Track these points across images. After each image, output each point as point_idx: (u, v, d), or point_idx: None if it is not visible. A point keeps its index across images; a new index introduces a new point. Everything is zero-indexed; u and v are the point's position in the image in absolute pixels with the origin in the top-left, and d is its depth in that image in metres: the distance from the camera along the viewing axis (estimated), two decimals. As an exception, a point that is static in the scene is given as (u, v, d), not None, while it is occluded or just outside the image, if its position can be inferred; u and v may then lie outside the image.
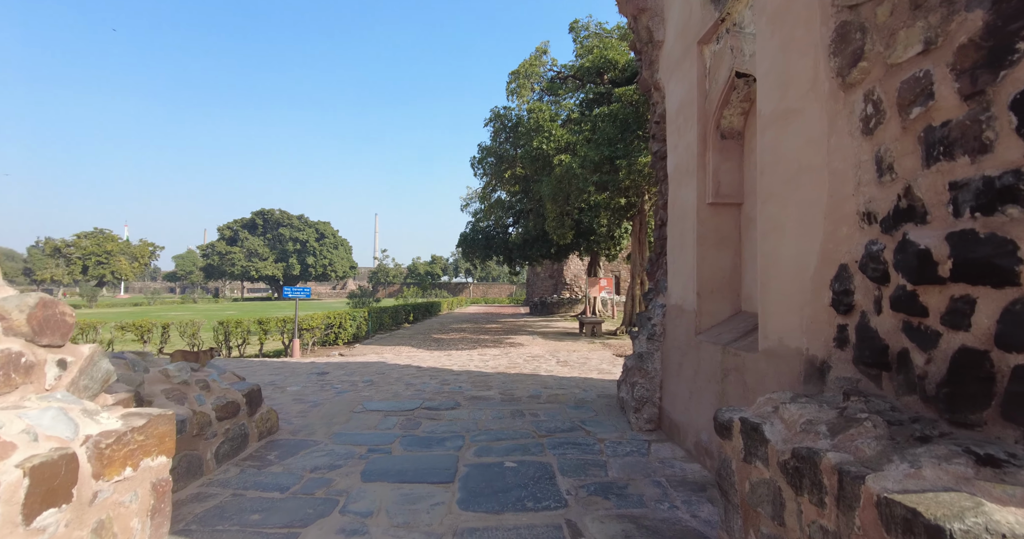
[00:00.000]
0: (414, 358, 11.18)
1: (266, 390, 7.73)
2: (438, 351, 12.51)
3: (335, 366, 10.11)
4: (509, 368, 9.57)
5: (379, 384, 8.09)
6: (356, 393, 7.40)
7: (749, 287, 4.58)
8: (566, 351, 12.04)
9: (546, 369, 9.43)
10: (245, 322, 12.09)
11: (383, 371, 9.35)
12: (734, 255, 4.74)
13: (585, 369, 9.39)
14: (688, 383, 4.77)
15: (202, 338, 12.31)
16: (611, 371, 9.17)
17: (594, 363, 10.07)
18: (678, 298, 5.21)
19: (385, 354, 12.23)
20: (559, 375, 8.76)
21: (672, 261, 5.47)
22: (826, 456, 2.01)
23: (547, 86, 16.87)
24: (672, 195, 5.51)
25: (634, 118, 12.48)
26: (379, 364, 10.28)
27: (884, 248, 2.45)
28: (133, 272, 62.09)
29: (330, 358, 11.70)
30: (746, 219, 4.65)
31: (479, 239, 23.55)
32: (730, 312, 4.72)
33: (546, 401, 6.76)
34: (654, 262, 6.56)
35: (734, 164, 4.72)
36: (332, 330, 13.99)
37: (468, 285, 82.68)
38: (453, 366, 9.89)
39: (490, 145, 18.07)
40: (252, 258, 77.89)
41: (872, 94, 2.55)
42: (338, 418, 5.93)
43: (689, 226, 4.91)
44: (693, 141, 4.85)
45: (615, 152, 12.14)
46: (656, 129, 6.37)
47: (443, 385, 7.93)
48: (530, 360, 10.55)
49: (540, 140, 13.58)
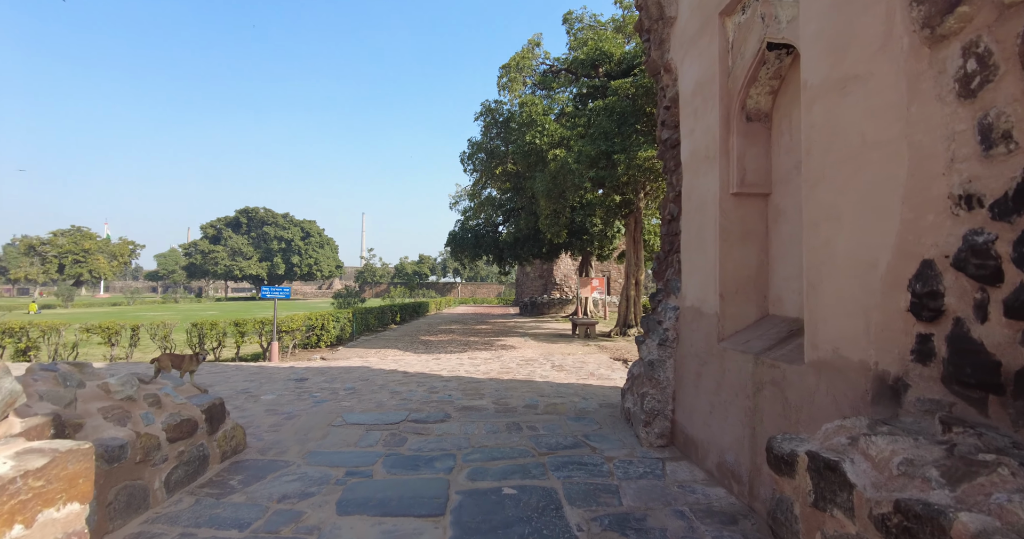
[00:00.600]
0: (400, 362, 10.58)
1: (238, 399, 7.11)
2: (426, 354, 11.91)
3: (315, 371, 9.47)
4: (502, 374, 9.00)
5: (362, 392, 7.49)
6: (336, 403, 6.79)
7: (778, 287, 4.07)
8: (560, 354, 11.50)
9: (541, 374, 8.88)
10: (220, 324, 11.38)
11: (366, 377, 8.73)
12: (760, 251, 4.23)
13: (582, 374, 8.86)
14: (709, 396, 4.24)
15: (174, 341, 11.59)
16: (610, 377, 8.64)
17: (591, 367, 9.54)
18: (695, 300, 4.68)
19: (370, 358, 11.60)
20: (555, 381, 8.22)
21: (687, 259, 4.95)
22: (958, 520, 1.47)
23: (540, 80, 16.33)
24: (687, 185, 4.99)
25: (631, 111, 11.99)
26: (363, 369, 9.66)
27: (996, 239, 1.93)
28: (112, 271, 60.51)
29: (311, 362, 11.04)
30: (775, 210, 4.14)
31: (468, 238, 22.97)
32: (756, 315, 4.20)
33: (544, 412, 6.21)
34: (662, 260, 6.04)
35: (760, 149, 4.21)
36: (314, 332, 13.32)
37: (456, 285, 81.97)
38: (442, 371, 9.30)
39: (480, 140, 17.50)
40: (236, 257, 76.53)
41: (976, 46, 2.03)
42: (314, 433, 5.33)
43: (709, 219, 4.39)
44: (714, 124, 4.33)
45: (612, 147, 11.63)
46: (666, 115, 5.84)
47: (431, 393, 7.34)
48: (523, 364, 10.00)
49: (533, 134, 13.04)
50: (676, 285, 5.24)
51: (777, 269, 4.09)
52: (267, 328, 11.59)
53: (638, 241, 15.48)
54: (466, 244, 22.83)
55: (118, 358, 11.35)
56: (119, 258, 61.28)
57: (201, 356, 8.02)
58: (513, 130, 15.76)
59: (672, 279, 5.39)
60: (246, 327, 11.40)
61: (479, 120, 17.08)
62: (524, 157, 13.68)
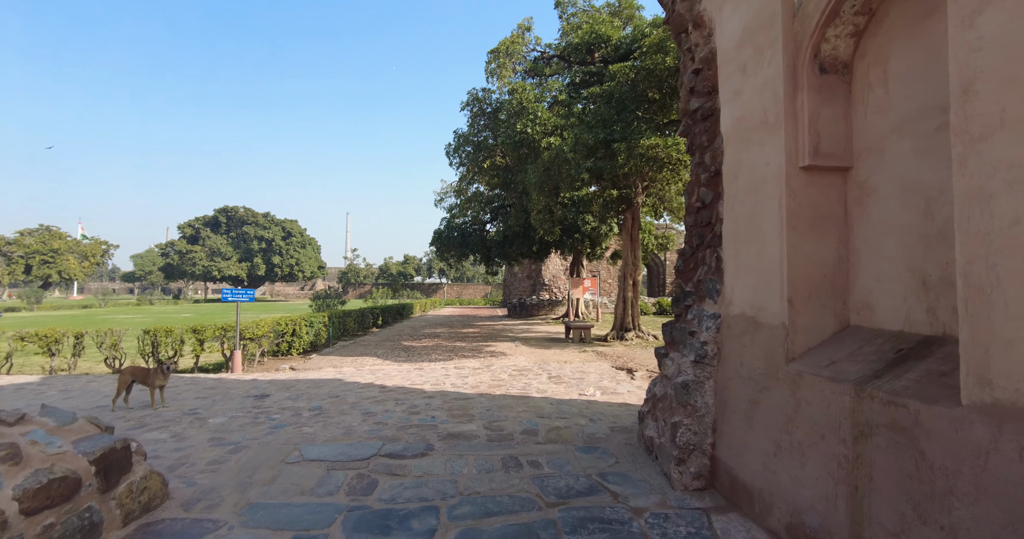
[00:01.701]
0: (378, 373, 9.46)
1: (180, 423, 5.97)
2: (407, 363, 10.80)
3: (280, 386, 8.32)
4: (493, 387, 7.95)
5: (329, 414, 6.38)
6: (297, 429, 5.68)
7: (865, 289, 3.09)
8: (556, 362, 10.48)
9: (538, 387, 7.84)
10: (176, 330, 10.16)
11: (338, 393, 7.62)
12: (838, 243, 3.24)
13: (584, 387, 7.83)
14: (772, 432, 3.24)
15: (124, 349, 10.33)
16: (616, 390, 7.63)
17: (593, 379, 8.53)
18: (746, 305, 3.68)
19: (345, 367, 10.46)
20: (555, 397, 7.18)
21: (732, 254, 3.94)
22: None
23: (530, 67, 15.30)
24: (732, 161, 3.99)
25: (632, 97, 11.02)
26: (335, 383, 8.53)
27: None
28: (83, 272, 58.18)
29: (278, 373, 9.88)
30: (858, 189, 3.16)
31: (455, 236, 21.87)
32: (834, 327, 3.22)
33: (546, 439, 5.16)
34: (689, 257, 5.03)
35: (838, 110, 3.22)
36: (284, 339, 12.13)
37: (442, 286, 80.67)
38: (425, 385, 8.21)
39: (467, 132, 16.42)
40: (214, 257, 74.50)
41: None
42: (262, 473, 4.23)
43: (768, 202, 3.39)
44: (775, 78, 3.33)
45: (611, 135, 10.65)
46: (695, 80, 4.84)
47: (411, 414, 6.26)
48: (517, 375, 8.95)
49: (524, 123, 12.01)
50: (714, 287, 4.23)
51: (864, 265, 3.11)
52: (230, 334, 10.40)
53: (635, 239, 14.52)
54: (452, 243, 21.73)
55: (59, 370, 10.07)
56: (91, 259, 58.94)
57: (167, 367, 6.89)
58: (502, 121, 14.75)
59: (707, 280, 4.38)
60: (205, 334, 10.19)
61: (465, 110, 16.00)
62: (514, 148, 12.64)
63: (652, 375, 8.57)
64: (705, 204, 4.74)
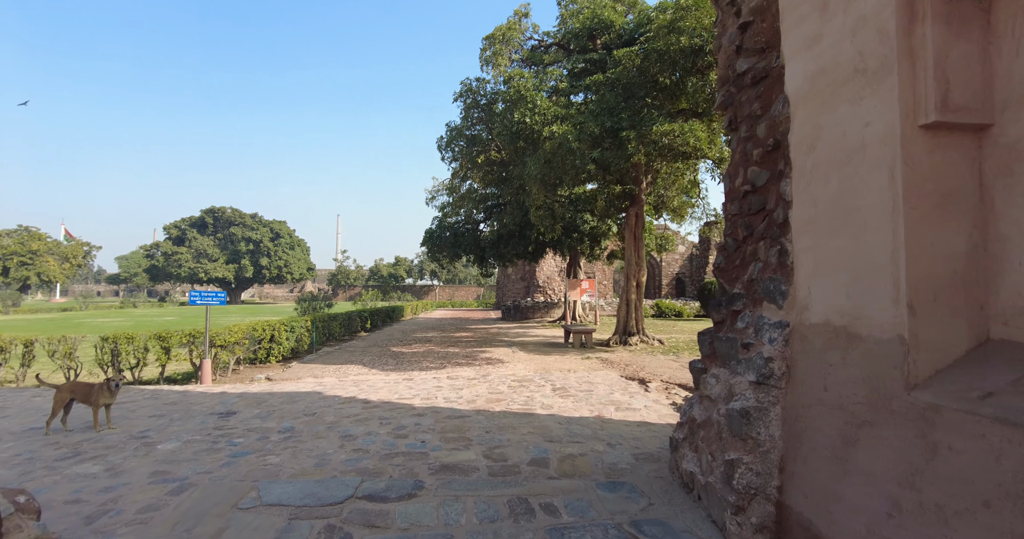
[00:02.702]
0: (363, 385, 8.54)
1: (124, 451, 5.04)
2: (396, 372, 9.89)
3: (250, 400, 7.39)
4: (491, 402, 7.06)
5: (302, 436, 5.47)
6: (260, 457, 4.77)
7: (1015, 290, 2.26)
8: (559, 371, 9.61)
9: (542, 402, 6.96)
10: (139, 337, 9.17)
11: (314, 410, 6.70)
12: (971, 227, 2.42)
13: (594, 402, 6.97)
14: (885, 486, 2.39)
15: (79, 359, 9.33)
16: (631, 405, 6.77)
17: (602, 391, 7.67)
18: (833, 312, 2.83)
19: (327, 377, 9.52)
20: (563, 414, 6.31)
21: (811, 245, 3.09)
22: None
23: (527, 56, 14.46)
24: (805, 128, 3.16)
25: (640, 83, 10.20)
26: (313, 396, 7.61)
27: None
28: (63, 274, 56.54)
29: (252, 385, 8.92)
30: (1002, 153, 2.33)
31: (447, 236, 20.95)
32: (969, 341, 2.39)
33: (560, 473, 4.29)
34: (732, 251, 4.19)
35: (974, 47, 2.40)
36: (261, 345, 11.16)
37: (434, 288, 79.65)
38: (414, 399, 7.31)
39: (460, 125, 15.53)
40: (201, 259, 73.06)
41: None
42: (205, 526, 3.32)
43: (869, 175, 2.55)
44: (881, 9, 2.50)
45: (619, 123, 9.82)
46: (741, 38, 4.00)
47: (398, 438, 5.36)
48: (517, 387, 8.07)
49: (522, 112, 11.15)
50: (777, 288, 3.38)
51: (1012, 258, 2.28)
52: (199, 341, 9.43)
53: (639, 238, 13.70)
54: (444, 243, 20.81)
55: (6, 381, 9.06)
56: (71, 260, 57.29)
57: (115, 383, 5.94)
58: (497, 114, 13.89)
59: (766, 279, 3.53)
60: (171, 341, 9.22)
61: (458, 101, 15.12)
62: (511, 139, 11.78)
63: (668, 387, 7.73)
64: (756, 187, 3.91)
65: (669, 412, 6.43)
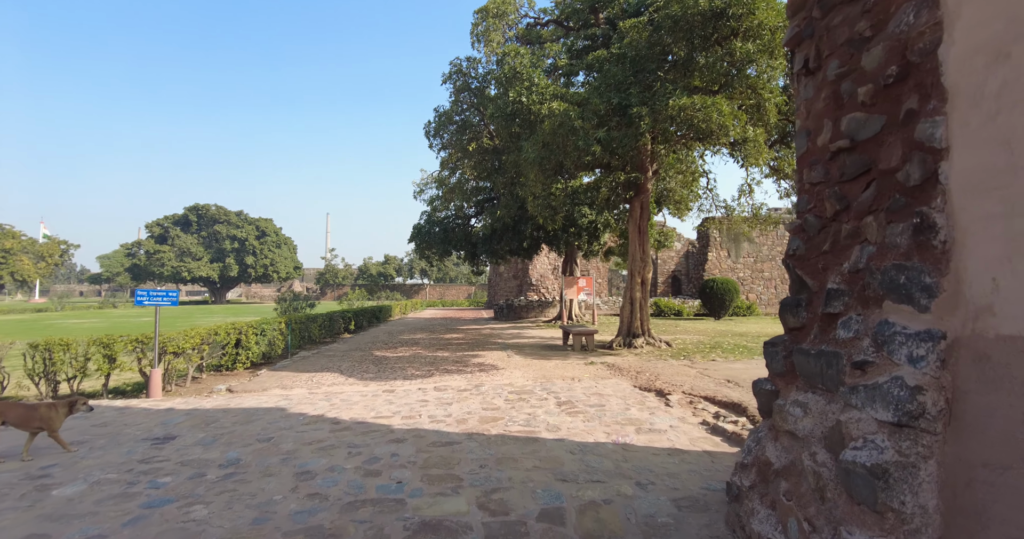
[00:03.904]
0: (336, 398, 7.36)
1: (5, 499, 3.83)
2: (375, 382, 8.71)
3: (199, 420, 6.18)
4: (486, 421, 5.91)
5: (247, 474, 4.29)
6: (181, 510, 3.59)
7: None
8: (562, 379, 8.48)
9: (547, 421, 5.82)
10: (76, 344, 7.91)
11: (271, 434, 5.51)
12: None
13: (609, 420, 5.84)
14: None
15: (5, 370, 8.05)
16: (652, 424, 5.65)
17: (616, 405, 6.54)
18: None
19: (296, 388, 8.32)
20: (574, 439, 5.17)
21: (1000, 211, 1.96)
22: None
23: (523, 33, 13.32)
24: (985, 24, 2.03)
25: (651, 56, 9.09)
26: (274, 414, 6.41)
27: None
28: (39, 273, 54.56)
29: (207, 398, 7.71)
30: None
31: (436, 232, 19.75)
32: None
33: (583, 534, 3.15)
34: (815, 233, 3.11)
35: None
36: (226, 351, 9.92)
37: (424, 287, 78.33)
38: (394, 417, 6.14)
39: (449, 109, 14.34)
40: (184, 258, 71.14)
41: None
42: None
43: None
44: None
45: (627, 99, 8.71)
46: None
47: (368, 475, 4.20)
48: (516, 401, 6.93)
49: (519, 91, 10.00)
50: (919, 281, 2.25)
51: None
52: (151, 346, 8.19)
53: (644, 231, 12.61)
54: (433, 239, 19.61)
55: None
56: (47, 259, 55.30)
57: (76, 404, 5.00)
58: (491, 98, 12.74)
59: (896, 269, 2.39)
60: (115, 348, 7.98)
61: (447, 84, 13.94)
62: (505, 122, 10.62)
63: (693, 401, 6.62)
64: (856, 141, 2.80)
65: (701, 434, 5.31)
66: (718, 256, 29.65)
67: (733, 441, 5.04)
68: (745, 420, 5.52)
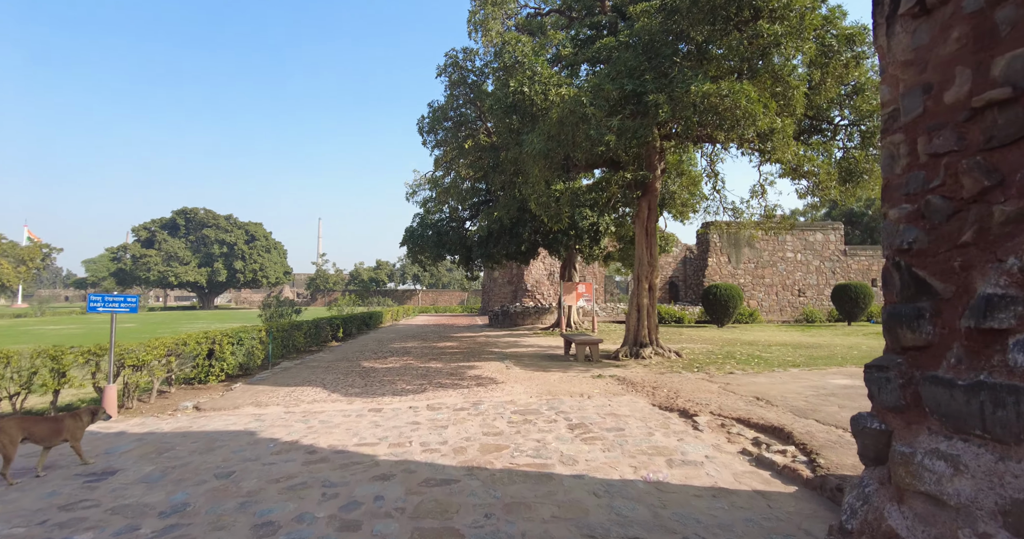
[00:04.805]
0: (314, 419, 6.46)
1: None
2: (361, 399, 7.81)
3: (152, 446, 5.27)
4: (489, 451, 5.04)
5: (190, 529, 3.42)
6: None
7: None
8: (570, 396, 7.63)
9: (560, 450, 4.96)
10: (18, 356, 6.97)
11: (233, 467, 4.62)
12: None
13: (632, 449, 5.00)
14: None
15: (-61, 386, 7.09)
16: (684, 454, 4.81)
17: (637, 429, 5.70)
18: None
19: (272, 405, 7.41)
20: (595, 475, 4.32)
21: None
22: None
23: (523, 23, 12.57)
24: None
25: (665, 41, 8.32)
26: (241, 440, 5.51)
27: None
28: (20, 277, 52.99)
29: (170, 417, 6.78)
30: None
31: (429, 235, 18.88)
32: None
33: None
34: (943, 220, 2.31)
35: None
36: (197, 362, 8.99)
37: (417, 292, 77.28)
38: (379, 445, 5.25)
39: (444, 104, 13.53)
40: (171, 262, 69.75)
41: None
42: None
43: None
44: None
45: (642, 86, 7.94)
46: None
47: (344, 531, 3.33)
48: (521, 423, 6.07)
49: (520, 80, 9.22)
50: None
51: None
52: (105, 358, 7.26)
53: (651, 233, 11.83)
54: (426, 242, 18.73)
55: None
56: (28, 263, 53.76)
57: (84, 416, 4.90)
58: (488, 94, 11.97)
59: None
60: (65, 360, 7.05)
61: (442, 77, 13.14)
62: (505, 115, 9.81)
63: (724, 423, 5.78)
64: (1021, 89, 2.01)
65: (745, 468, 4.48)
66: (718, 262, 28.96)
67: (787, 478, 4.21)
68: (795, 450, 4.69)
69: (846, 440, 4.87)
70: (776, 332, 20.00)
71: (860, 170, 10.07)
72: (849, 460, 4.26)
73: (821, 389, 7.67)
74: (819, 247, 29.57)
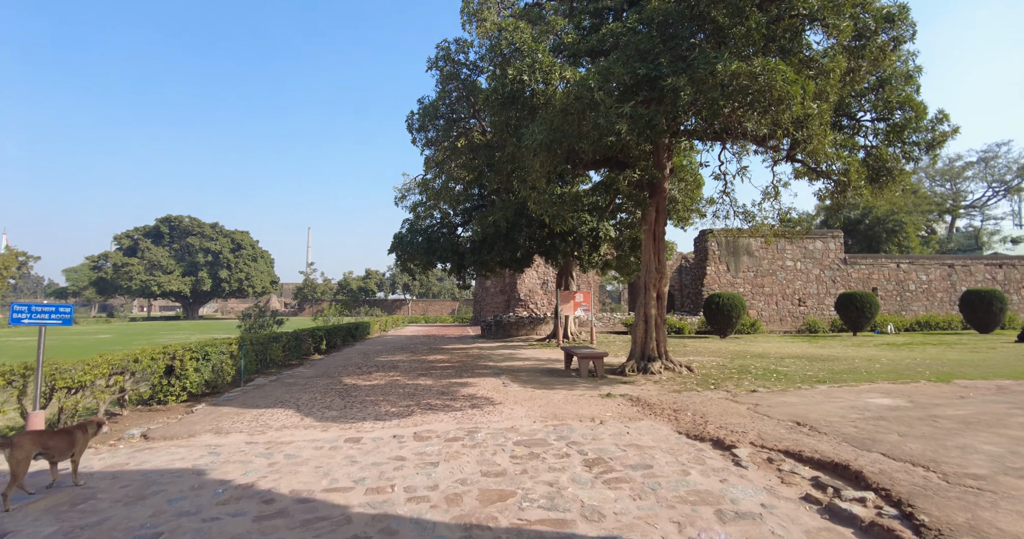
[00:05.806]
0: (279, 452, 5.43)
1: None
2: (337, 424, 6.78)
3: (66, 495, 4.21)
4: (490, 500, 4.04)
5: None
6: None
7: None
8: (579, 422, 6.65)
9: (579, 499, 3.98)
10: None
11: (159, 527, 3.59)
12: None
13: (669, 496, 4.03)
14: None
15: None
16: (737, 503, 3.84)
17: (669, 469, 4.73)
18: None
19: (234, 432, 6.34)
20: (631, 538, 3.34)
21: None
22: None
23: (521, 12, 11.75)
24: None
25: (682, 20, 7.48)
26: (184, 481, 4.46)
27: None
28: (-7, 287, 51.13)
29: (108, 450, 5.71)
30: None
31: (419, 242, 17.89)
32: None
33: None
34: None
35: None
36: (153, 380, 7.92)
37: (406, 302, 76.00)
38: (354, 492, 4.23)
39: (435, 99, 12.63)
40: (154, 271, 68.06)
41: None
42: None
43: None
44: None
45: (657, 70, 7.10)
46: None
47: None
48: (526, 459, 5.07)
49: (519, 68, 8.36)
50: None
51: None
52: (47, 377, 6.21)
53: (660, 238, 10.95)
54: (416, 249, 17.73)
55: None
56: (4, 272, 51.93)
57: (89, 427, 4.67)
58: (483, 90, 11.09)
59: None
60: (-15, 382, 5.98)
61: (433, 70, 12.27)
62: (502, 107, 8.93)
63: (772, 459, 4.83)
64: None
65: (818, 523, 3.53)
66: (717, 270, 28.20)
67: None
68: (875, 498, 3.75)
69: (936, 484, 3.93)
70: (782, 343, 19.17)
71: (888, 168, 9.29)
72: (959, 517, 3.32)
73: (864, 411, 6.76)
74: (819, 255, 28.94)
